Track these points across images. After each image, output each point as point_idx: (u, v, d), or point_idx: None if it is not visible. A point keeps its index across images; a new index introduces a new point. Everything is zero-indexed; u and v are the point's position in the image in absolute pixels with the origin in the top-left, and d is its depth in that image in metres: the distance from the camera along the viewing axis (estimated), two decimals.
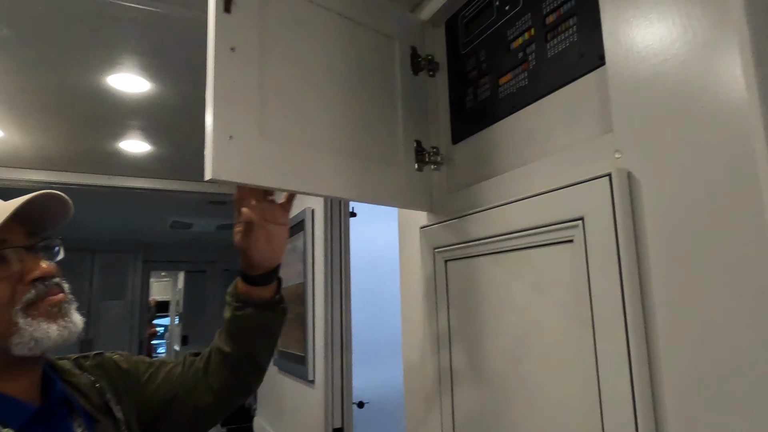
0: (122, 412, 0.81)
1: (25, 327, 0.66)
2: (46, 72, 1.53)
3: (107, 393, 0.81)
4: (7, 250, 0.67)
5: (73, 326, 0.71)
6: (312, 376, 1.90)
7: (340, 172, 0.87)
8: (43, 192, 0.70)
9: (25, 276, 0.68)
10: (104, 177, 2.64)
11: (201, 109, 2.12)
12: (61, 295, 0.71)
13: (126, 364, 0.89)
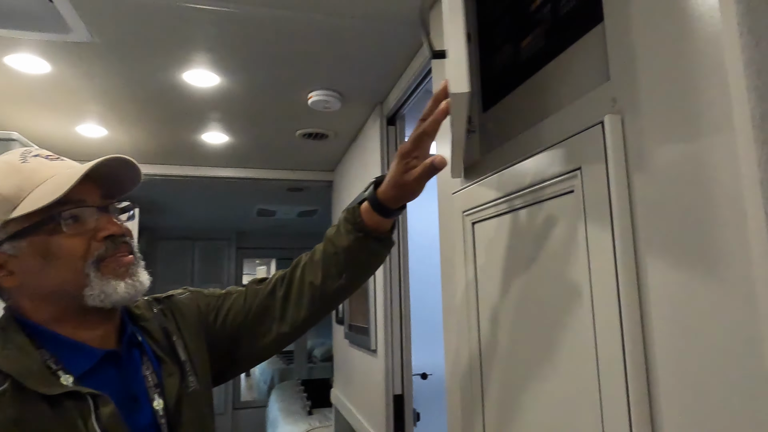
0: (187, 352, 0.86)
1: (95, 280, 0.73)
2: (135, 74, 1.75)
3: (173, 335, 0.86)
4: (84, 209, 0.74)
5: (140, 285, 0.77)
6: (374, 346, 2.01)
7: None
8: (113, 156, 0.75)
9: (98, 233, 0.74)
10: (192, 168, 2.93)
11: (265, 100, 2.32)
12: (129, 257, 0.77)
13: (194, 302, 0.93)
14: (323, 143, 2.57)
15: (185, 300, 0.94)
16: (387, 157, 2.03)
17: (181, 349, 0.85)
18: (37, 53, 1.58)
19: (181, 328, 0.89)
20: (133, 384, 0.76)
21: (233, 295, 0.97)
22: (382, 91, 1.96)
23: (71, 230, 0.72)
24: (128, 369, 0.77)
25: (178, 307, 0.92)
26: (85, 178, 0.72)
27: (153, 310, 0.88)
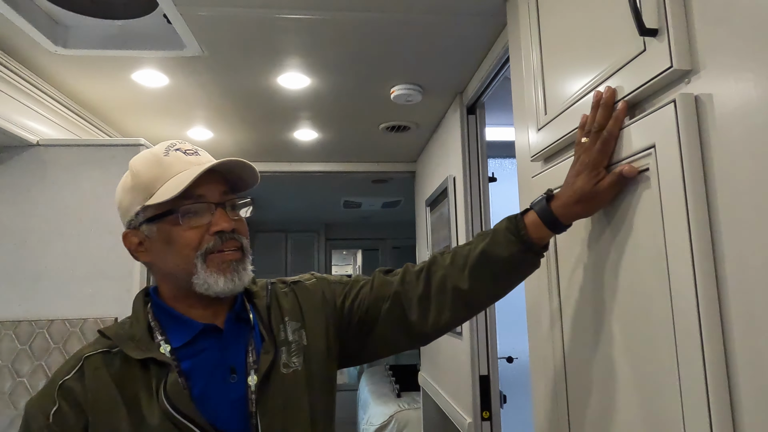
0: (299, 335, 0.88)
1: (201, 271, 0.80)
2: (237, 81, 1.95)
3: (285, 316, 0.89)
4: (200, 205, 0.80)
5: (239, 281, 0.82)
6: (460, 329, 2.08)
7: None
8: (230, 159, 0.82)
9: (211, 228, 0.80)
10: (286, 164, 3.16)
11: (351, 97, 2.47)
12: (234, 253, 0.82)
13: (319, 289, 0.95)
14: (405, 135, 2.66)
15: (310, 285, 0.96)
16: (467, 146, 2.08)
17: (291, 331, 0.88)
18: (158, 68, 1.82)
19: (303, 311, 0.91)
20: (232, 357, 0.82)
21: (360, 282, 0.97)
22: (462, 82, 2.01)
23: (187, 223, 0.80)
24: (229, 343, 0.83)
25: (304, 292, 0.94)
26: (209, 175, 0.80)
27: (269, 290, 0.93)
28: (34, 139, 1.77)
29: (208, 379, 0.80)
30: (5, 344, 1.67)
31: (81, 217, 1.76)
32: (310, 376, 0.87)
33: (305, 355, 0.87)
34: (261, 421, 0.79)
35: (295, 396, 0.84)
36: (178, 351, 0.80)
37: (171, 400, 0.75)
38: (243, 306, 0.88)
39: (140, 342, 0.79)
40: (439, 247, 2.50)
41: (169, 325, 0.83)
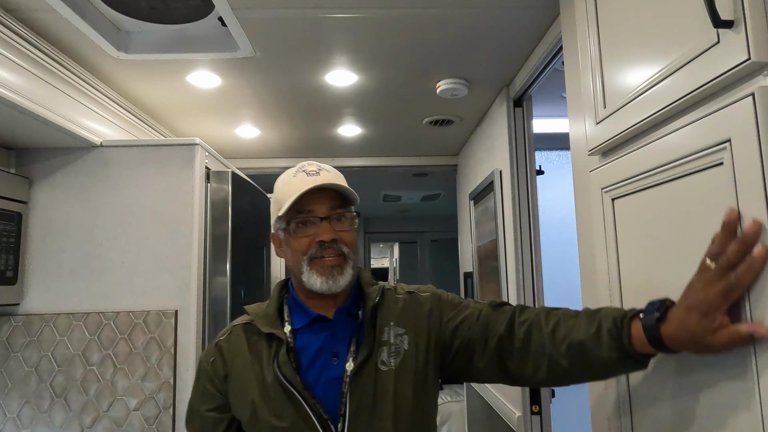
0: (401, 340, 0.97)
1: (306, 272, 0.96)
2: (286, 80, 1.99)
3: (391, 320, 0.99)
4: (308, 217, 0.96)
5: (333, 283, 0.95)
6: None
7: None
8: (329, 182, 0.96)
9: (316, 237, 0.96)
10: (329, 159, 3.21)
11: (396, 92, 2.48)
12: (333, 260, 0.95)
13: (428, 303, 1.02)
14: (448, 129, 2.66)
15: (423, 299, 1.04)
16: (514, 139, 2.06)
17: (393, 334, 0.99)
18: (211, 70, 1.88)
19: (410, 319, 1.00)
20: (336, 343, 0.98)
21: (469, 308, 1.02)
22: (509, 74, 1.99)
23: (297, 233, 0.98)
24: (336, 331, 0.99)
25: (414, 302, 1.03)
26: (321, 192, 0.96)
27: (382, 294, 1.03)
28: (98, 141, 1.86)
29: (314, 357, 0.97)
30: (76, 335, 1.78)
31: (141, 214, 1.84)
32: (402, 378, 0.96)
33: (403, 359, 0.97)
34: (350, 402, 0.93)
35: (385, 391, 0.95)
36: (297, 331, 0.99)
37: (280, 368, 0.94)
38: (354, 303, 1.02)
39: (269, 320, 1.00)
40: (483, 241, 2.49)
41: (294, 310, 1.03)
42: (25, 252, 1.80)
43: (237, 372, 0.99)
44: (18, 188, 1.77)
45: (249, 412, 0.96)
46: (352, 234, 1.00)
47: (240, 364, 0.99)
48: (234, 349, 1.01)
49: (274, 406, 0.94)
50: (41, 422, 1.73)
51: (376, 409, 0.93)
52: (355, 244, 1.00)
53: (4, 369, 1.75)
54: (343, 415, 0.92)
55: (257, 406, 0.95)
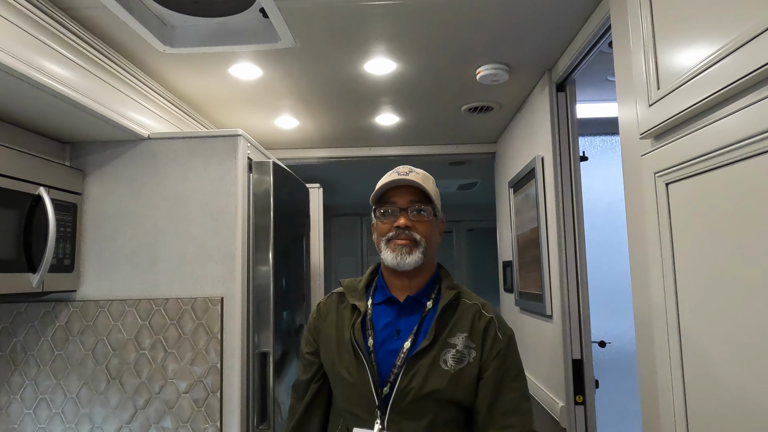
0: (467, 350, 1.11)
1: (384, 250, 1.18)
2: (325, 69, 2.01)
3: (465, 332, 1.13)
4: (388, 207, 1.18)
5: (401, 260, 1.14)
6: (549, 312, 2.05)
7: None
8: (407, 179, 1.16)
9: (394, 223, 1.16)
10: (366, 149, 3.22)
11: (435, 79, 2.46)
12: (403, 241, 1.15)
13: (489, 342, 1.13)
14: (487, 116, 2.62)
15: (493, 331, 1.15)
16: (557, 125, 2.01)
17: (463, 344, 1.12)
18: (253, 61, 1.91)
19: (485, 342, 1.13)
20: (401, 323, 1.16)
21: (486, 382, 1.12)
22: (551, 58, 1.94)
23: (380, 219, 1.20)
24: (404, 314, 1.18)
25: (492, 331, 1.15)
26: (405, 188, 1.17)
27: (457, 296, 1.19)
28: (146, 133, 1.92)
29: (382, 329, 1.16)
30: (129, 320, 1.86)
31: (188, 204, 1.90)
32: (455, 382, 1.09)
33: (464, 368, 1.10)
34: (402, 376, 1.09)
35: (437, 384, 1.08)
36: (376, 305, 1.20)
37: (354, 332, 1.15)
38: (425, 295, 1.19)
39: (357, 293, 1.23)
40: (523, 229, 2.46)
41: (377, 289, 1.24)
42: (80, 241, 1.89)
43: (326, 328, 1.23)
44: (73, 180, 1.85)
45: (329, 362, 1.20)
46: (427, 226, 1.17)
47: (329, 322, 1.24)
48: (327, 310, 1.26)
49: (345, 361, 1.15)
50: (98, 403, 1.82)
51: (422, 394, 1.07)
52: (428, 235, 1.17)
53: (64, 352, 1.84)
54: (392, 383, 1.09)
55: (335, 358, 1.17)
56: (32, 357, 1.84)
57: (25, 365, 1.84)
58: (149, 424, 1.81)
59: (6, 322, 1.85)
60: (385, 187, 1.17)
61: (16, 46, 1.31)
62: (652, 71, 1.07)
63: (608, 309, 2.23)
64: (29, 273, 1.60)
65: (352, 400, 1.13)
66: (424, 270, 1.19)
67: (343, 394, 1.16)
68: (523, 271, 2.47)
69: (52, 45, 1.46)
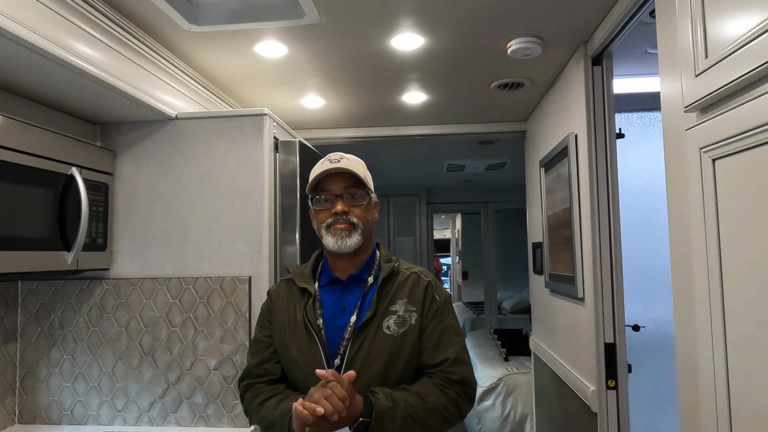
0: (408, 314, 1.21)
1: (324, 236, 1.26)
2: (351, 46, 1.96)
3: (405, 297, 1.24)
4: (324, 195, 1.26)
5: (342, 243, 1.23)
6: (581, 294, 1.99)
7: None
8: (333, 168, 1.23)
9: (332, 210, 1.24)
10: (392, 128, 3.17)
11: (465, 55, 2.37)
12: (342, 225, 1.23)
13: (429, 300, 1.24)
14: (517, 93, 2.54)
15: (431, 293, 1.26)
16: (592, 101, 1.93)
17: (403, 309, 1.23)
18: (278, 39, 1.88)
19: (424, 304, 1.24)
20: (345, 301, 1.26)
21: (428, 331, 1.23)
22: (587, 30, 1.85)
23: (317, 207, 1.28)
24: (347, 292, 1.27)
25: (430, 293, 1.26)
26: (338, 175, 1.24)
27: (392, 269, 1.27)
28: (173, 113, 1.93)
29: (329, 307, 1.26)
30: (160, 298, 1.89)
31: (216, 184, 1.91)
32: (400, 346, 1.19)
33: (407, 331, 1.21)
34: (350, 347, 1.19)
35: (383, 349, 1.18)
36: (322, 287, 1.30)
37: (306, 311, 1.24)
38: (366, 271, 1.29)
39: (304, 277, 1.31)
40: (554, 210, 2.39)
41: (322, 272, 1.33)
42: (112, 220, 1.92)
43: (278, 311, 1.31)
44: (104, 160, 1.88)
45: (282, 344, 1.27)
46: (362, 209, 1.26)
47: (280, 306, 1.31)
48: (278, 296, 1.33)
49: (298, 340, 1.23)
50: (132, 378, 1.87)
51: (369, 360, 1.18)
52: (364, 217, 1.26)
53: (99, 328, 1.90)
54: (342, 355, 1.19)
55: (288, 338, 1.25)
56: (69, 333, 1.90)
57: (63, 340, 1.90)
58: (181, 399, 1.85)
59: (44, 299, 1.91)
60: (320, 176, 1.24)
61: (47, 27, 1.31)
62: (700, 39, 0.99)
63: (643, 292, 2.16)
64: (64, 251, 1.64)
65: (307, 377, 1.18)
66: (363, 249, 1.27)
67: (297, 371, 1.23)
68: (554, 253, 2.41)
69: (81, 25, 1.46)
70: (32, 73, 1.43)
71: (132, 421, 1.86)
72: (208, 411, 1.84)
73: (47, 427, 1.86)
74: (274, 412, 1.17)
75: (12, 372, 1.88)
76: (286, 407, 1.14)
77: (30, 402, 1.89)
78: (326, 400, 1.01)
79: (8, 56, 1.30)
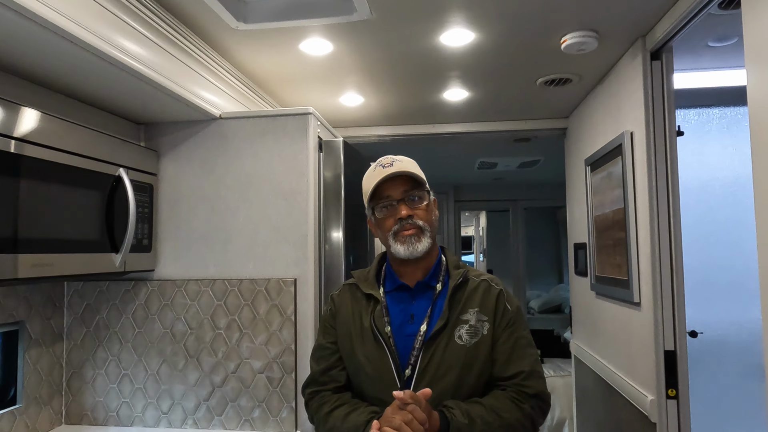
0: (481, 324, 1.17)
1: (392, 243, 1.21)
2: (398, 42, 1.91)
3: (477, 307, 1.19)
4: (385, 201, 1.22)
5: (413, 249, 1.19)
6: (637, 299, 1.91)
7: None
8: (395, 172, 1.20)
9: (396, 216, 1.20)
10: (429, 126, 3.11)
11: (515, 50, 2.29)
12: (411, 230, 1.19)
13: (502, 308, 1.19)
14: (563, 88, 2.45)
15: (502, 302, 1.21)
16: (651, 97, 1.84)
17: (475, 318, 1.18)
18: (324, 36, 1.84)
19: (496, 314, 1.19)
20: (414, 308, 1.22)
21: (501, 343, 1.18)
22: (648, 23, 1.76)
23: (380, 215, 1.24)
24: (416, 299, 1.23)
25: (501, 303, 1.21)
26: (395, 179, 1.21)
27: (465, 276, 1.23)
28: (217, 113, 1.90)
29: (397, 315, 1.22)
30: (204, 300, 1.87)
31: (260, 184, 1.88)
32: (472, 356, 1.15)
33: (479, 341, 1.16)
34: (422, 357, 1.15)
35: (456, 359, 1.14)
36: (388, 293, 1.26)
37: (374, 318, 1.21)
38: (434, 278, 1.24)
39: (369, 283, 1.27)
40: (603, 210, 2.30)
41: (387, 277, 1.29)
42: (157, 222, 1.91)
43: (343, 318, 1.27)
44: (148, 161, 1.86)
45: (347, 351, 1.23)
46: (426, 211, 1.22)
47: (345, 313, 1.27)
48: (342, 301, 1.30)
49: (366, 348, 1.20)
50: (177, 380, 1.86)
51: (442, 370, 1.14)
52: (429, 219, 1.22)
53: (144, 330, 1.88)
54: (413, 365, 1.15)
55: (354, 346, 1.22)
56: (115, 334, 1.89)
57: (109, 341, 1.90)
58: (226, 402, 1.83)
59: (90, 300, 1.91)
60: (377, 183, 1.20)
61: (95, 23, 1.28)
62: None
63: (699, 296, 2.06)
64: (112, 253, 1.62)
65: (376, 386, 1.17)
66: (429, 254, 1.23)
67: (365, 380, 1.20)
68: (602, 255, 2.33)
69: (130, 22, 1.43)
70: (80, 71, 1.42)
71: (177, 424, 1.85)
72: (254, 414, 1.81)
73: (93, 428, 1.86)
74: (343, 425, 1.13)
75: (59, 372, 1.88)
76: (356, 421, 1.11)
77: (76, 403, 1.89)
78: (407, 425, 0.98)
79: (57, 53, 1.29)
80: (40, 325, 1.80)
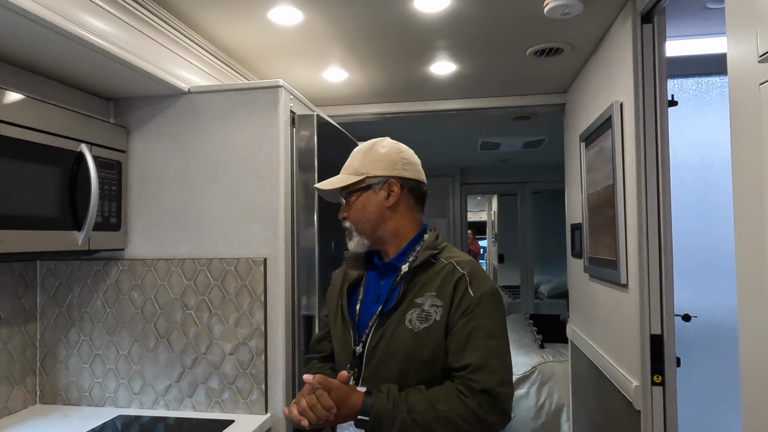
0: (434, 309, 1.11)
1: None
2: (369, 9, 1.81)
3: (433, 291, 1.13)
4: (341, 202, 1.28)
5: (350, 247, 1.26)
6: (624, 280, 1.81)
7: None
8: (320, 189, 1.28)
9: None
10: (421, 103, 3.00)
11: (495, 15, 2.16)
12: (346, 231, 1.26)
13: (458, 292, 1.11)
14: (556, 60, 2.33)
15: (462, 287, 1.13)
16: (641, 64, 1.71)
17: (429, 304, 1.12)
18: (292, 4, 1.75)
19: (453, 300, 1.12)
20: (380, 288, 1.23)
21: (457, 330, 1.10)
22: None
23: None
24: (383, 279, 1.24)
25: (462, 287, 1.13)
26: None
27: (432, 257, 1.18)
28: (186, 87, 1.84)
29: (369, 293, 1.25)
30: (175, 279, 1.83)
31: (230, 161, 1.81)
32: (421, 342, 1.11)
33: (429, 326, 1.11)
34: (371, 337, 1.16)
35: (402, 344, 1.11)
36: (369, 272, 1.29)
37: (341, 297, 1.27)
38: (401, 258, 1.22)
39: (354, 262, 1.31)
40: (595, 188, 2.19)
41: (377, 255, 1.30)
42: (127, 200, 1.86)
43: (331, 293, 1.34)
44: (117, 137, 1.81)
45: (331, 324, 1.30)
46: (354, 208, 1.23)
47: (334, 287, 1.34)
48: (336, 278, 1.36)
49: (336, 323, 1.26)
50: (149, 361, 1.83)
51: (389, 353, 1.12)
52: (356, 216, 1.23)
53: (115, 310, 1.85)
54: (363, 342, 1.16)
55: (333, 321, 1.28)
56: (87, 314, 1.87)
57: (81, 321, 1.87)
58: (197, 383, 1.79)
59: (62, 279, 1.88)
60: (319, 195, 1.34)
61: (55, 1, 1.23)
62: None
63: (696, 278, 1.95)
64: (75, 231, 1.58)
65: (340, 359, 1.24)
66: (391, 239, 1.22)
67: (336, 354, 1.27)
68: (594, 235, 2.22)
69: None
70: (43, 49, 1.38)
71: (148, 405, 1.82)
72: (224, 396, 1.78)
73: (67, 408, 1.85)
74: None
75: (32, 352, 1.87)
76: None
77: (50, 382, 1.88)
78: (311, 409, 1.00)
79: (19, 32, 1.26)
80: (11, 304, 1.78)
